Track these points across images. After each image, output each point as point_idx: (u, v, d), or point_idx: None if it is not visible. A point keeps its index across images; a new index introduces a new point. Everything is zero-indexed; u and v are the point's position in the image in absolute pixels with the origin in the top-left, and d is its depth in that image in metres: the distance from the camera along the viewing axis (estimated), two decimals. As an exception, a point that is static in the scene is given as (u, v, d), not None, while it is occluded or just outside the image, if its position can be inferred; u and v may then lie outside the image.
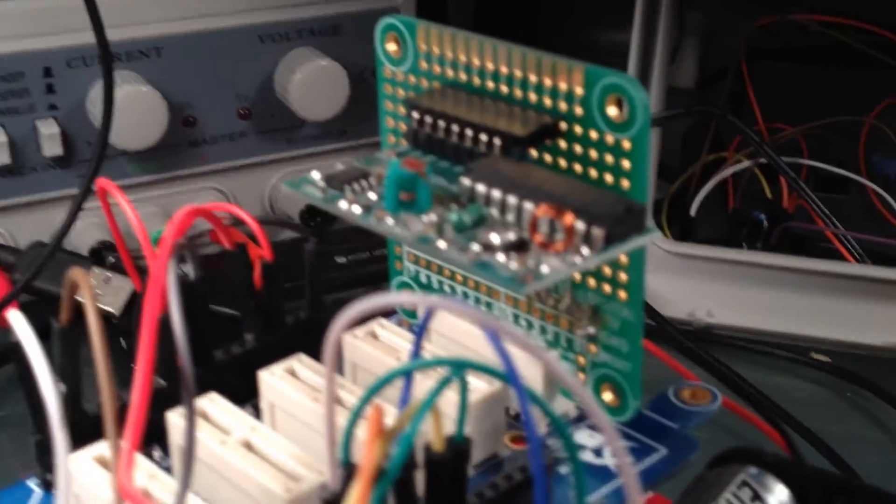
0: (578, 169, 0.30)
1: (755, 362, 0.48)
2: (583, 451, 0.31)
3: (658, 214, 0.57)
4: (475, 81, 0.32)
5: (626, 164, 0.29)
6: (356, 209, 0.29)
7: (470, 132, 0.30)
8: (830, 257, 0.52)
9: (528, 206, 0.28)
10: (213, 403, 0.29)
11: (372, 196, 0.30)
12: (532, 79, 0.31)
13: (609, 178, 0.30)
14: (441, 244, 0.27)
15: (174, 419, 0.29)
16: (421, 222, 0.28)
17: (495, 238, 0.27)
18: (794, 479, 0.29)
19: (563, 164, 0.31)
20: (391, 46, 0.34)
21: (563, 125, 0.30)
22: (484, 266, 0.27)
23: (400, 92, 0.34)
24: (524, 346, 0.23)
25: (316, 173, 0.30)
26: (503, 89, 0.31)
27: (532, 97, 0.31)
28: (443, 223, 0.28)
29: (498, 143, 0.30)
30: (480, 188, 0.29)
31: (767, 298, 0.50)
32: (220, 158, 0.55)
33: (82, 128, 0.51)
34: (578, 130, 0.30)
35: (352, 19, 0.55)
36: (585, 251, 0.27)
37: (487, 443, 0.31)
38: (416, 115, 0.32)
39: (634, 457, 0.31)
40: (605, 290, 0.31)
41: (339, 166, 0.31)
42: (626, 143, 0.29)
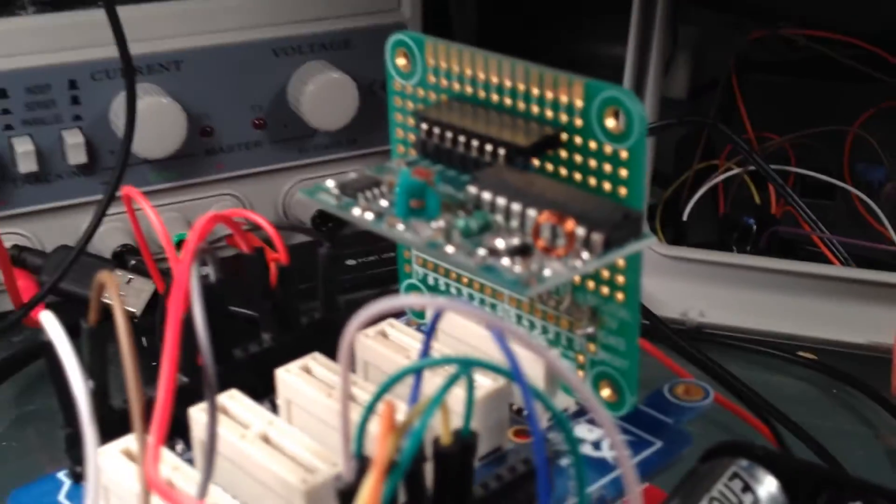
0: (578, 177, 0.30)
1: (745, 360, 0.48)
2: (582, 444, 0.31)
3: (652, 219, 0.57)
4: (480, 94, 0.32)
5: (624, 173, 0.29)
6: (369, 216, 0.29)
7: (476, 143, 0.30)
8: (816, 260, 0.52)
9: (532, 212, 0.28)
10: (232, 399, 0.29)
11: (383, 203, 0.30)
12: (534, 92, 0.31)
13: (607, 186, 0.30)
14: (449, 249, 0.27)
15: (196, 414, 0.29)
16: (430, 228, 0.28)
17: (500, 243, 0.27)
18: (783, 471, 0.29)
19: (563, 172, 0.31)
20: (401, 61, 0.34)
21: (563, 136, 0.30)
22: (490, 270, 0.27)
23: (409, 104, 0.34)
24: (527, 345, 0.23)
25: (330, 181, 0.30)
26: (507, 102, 0.31)
27: (534, 109, 0.31)
28: (451, 229, 0.28)
29: (502, 153, 0.30)
30: (486, 196, 0.29)
31: (757, 299, 0.50)
32: (236, 166, 0.55)
33: (105, 137, 0.51)
34: (578, 141, 0.30)
35: (361, 34, 0.55)
36: (585, 255, 0.27)
37: (492, 436, 0.31)
38: (424, 126, 0.31)
39: (631, 450, 0.31)
40: (604, 292, 0.31)
41: (351, 175, 0.31)
42: (624, 153, 0.29)
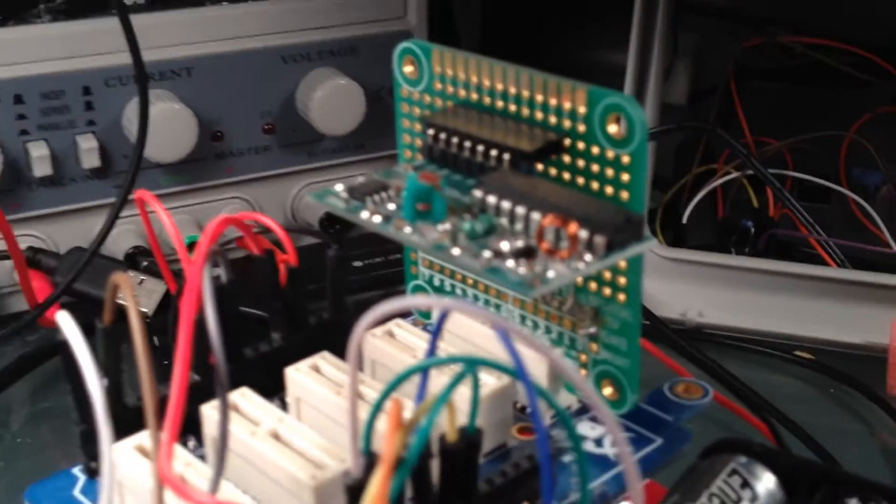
0: (581, 182, 0.30)
1: (744, 359, 0.48)
2: (585, 441, 0.31)
3: (652, 222, 0.57)
4: (486, 101, 0.32)
5: (626, 178, 0.29)
6: (377, 219, 0.29)
7: (481, 148, 0.30)
8: (813, 262, 0.52)
9: (536, 216, 0.28)
10: (243, 397, 0.29)
11: (391, 207, 0.30)
12: (538, 98, 0.31)
13: (609, 190, 0.30)
14: (455, 251, 0.27)
15: (208, 412, 0.29)
16: (436, 231, 0.28)
17: (505, 245, 0.27)
18: (780, 467, 0.29)
19: (567, 177, 0.31)
20: (408, 68, 0.34)
21: (567, 141, 0.30)
22: (495, 271, 0.27)
23: (416, 110, 0.34)
24: (531, 345, 0.23)
25: (339, 185, 0.30)
26: (511, 108, 0.31)
27: (538, 115, 0.31)
28: (456, 232, 0.28)
29: (507, 157, 0.30)
30: (491, 199, 0.29)
31: (755, 300, 0.50)
32: (246, 170, 0.55)
33: (118, 142, 0.51)
34: (581, 146, 0.30)
35: (368, 41, 0.55)
36: (588, 257, 0.27)
37: (497, 434, 0.31)
38: (431, 131, 0.31)
39: (632, 446, 0.31)
40: (606, 293, 0.31)
41: (360, 179, 0.31)
42: (626, 158, 0.29)
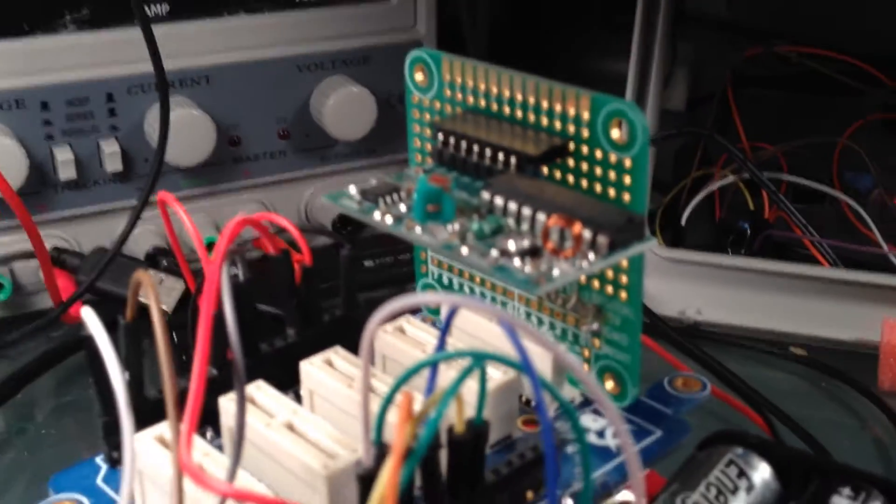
0: (585, 184, 0.30)
1: (740, 356, 0.48)
2: (588, 432, 0.31)
3: (652, 223, 0.57)
4: (493, 107, 0.32)
5: (627, 180, 0.29)
6: (388, 219, 0.29)
7: (489, 152, 0.30)
8: (807, 262, 0.52)
9: (541, 217, 0.28)
10: (259, 390, 0.29)
11: (402, 208, 0.30)
12: (544, 104, 0.31)
13: (612, 192, 0.30)
14: (464, 250, 0.28)
15: (226, 404, 0.29)
16: (446, 231, 0.28)
17: (512, 245, 0.27)
18: (776, 458, 0.29)
19: (571, 180, 0.31)
20: (419, 76, 0.34)
21: (571, 146, 0.30)
22: (502, 270, 0.27)
23: (426, 116, 0.34)
24: (537, 340, 0.23)
25: (352, 188, 0.30)
26: (518, 114, 0.31)
27: (544, 121, 0.31)
28: (465, 232, 0.28)
29: (514, 161, 0.30)
30: (498, 201, 0.29)
31: (751, 299, 0.50)
32: (262, 174, 0.55)
33: (140, 147, 0.51)
34: (585, 150, 0.30)
35: (380, 51, 0.55)
36: (591, 256, 0.27)
37: (503, 425, 0.31)
38: (441, 136, 0.32)
39: (633, 438, 0.31)
40: (608, 291, 0.31)
41: (372, 182, 0.31)
42: (628, 162, 0.29)
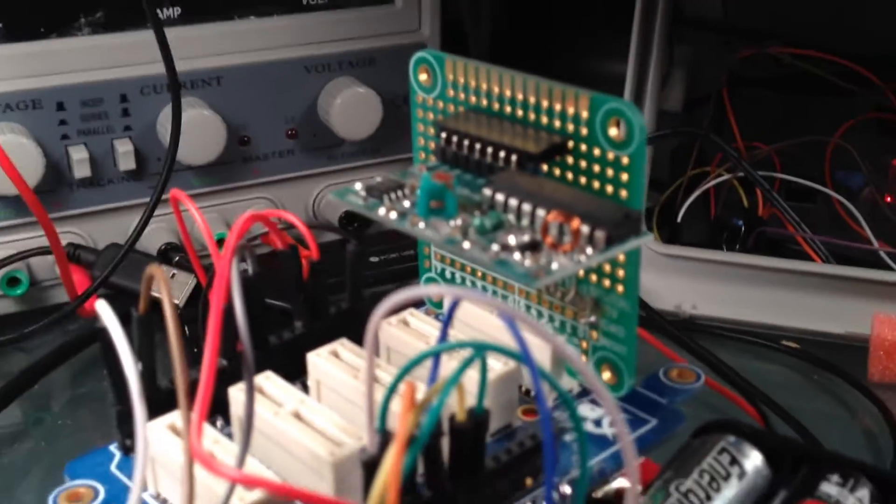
0: (583, 181, 0.30)
1: (734, 348, 0.48)
2: (585, 421, 0.31)
3: (649, 220, 0.57)
4: (495, 106, 0.32)
5: (625, 177, 0.29)
6: (393, 215, 0.29)
7: (491, 150, 0.30)
8: (800, 258, 0.52)
9: (541, 212, 0.28)
10: (268, 380, 0.29)
11: (406, 204, 0.30)
12: (544, 104, 0.31)
13: (610, 188, 0.30)
14: (465, 245, 0.28)
15: (235, 393, 0.29)
16: (448, 226, 0.28)
17: (512, 240, 0.27)
18: (767, 446, 0.29)
19: (570, 177, 0.31)
20: (423, 76, 0.34)
21: (570, 144, 0.30)
22: (502, 264, 0.27)
23: (430, 115, 0.34)
24: (536, 332, 0.23)
25: (358, 184, 0.30)
26: (519, 113, 0.31)
27: (544, 119, 0.31)
28: (467, 227, 0.28)
29: (514, 159, 0.30)
30: (499, 197, 0.29)
31: (745, 293, 0.50)
32: (271, 172, 0.55)
33: (153, 146, 0.51)
34: (584, 148, 0.30)
35: (385, 53, 0.55)
36: (589, 251, 0.27)
37: (503, 414, 0.31)
38: (444, 135, 0.32)
39: (629, 427, 0.31)
40: (605, 285, 0.31)
41: (377, 179, 0.31)
42: (625, 159, 0.29)
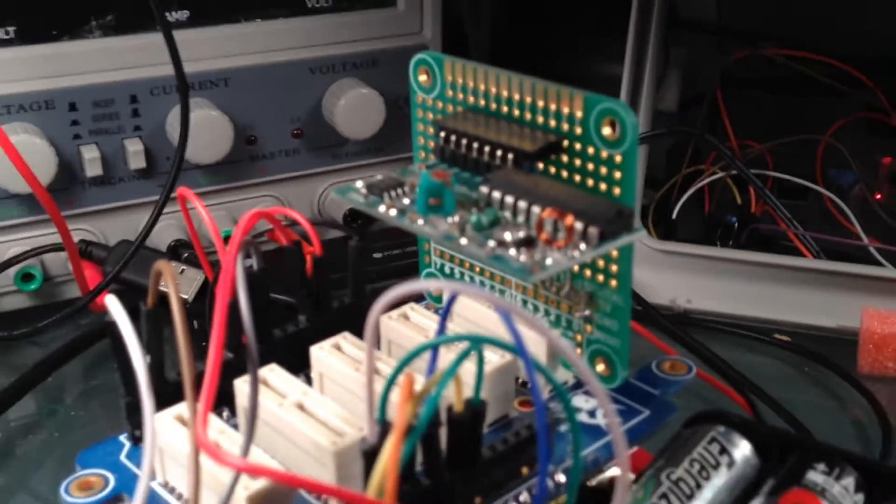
0: (578, 179, 0.30)
1: (727, 342, 0.48)
2: (579, 412, 0.31)
3: (645, 217, 0.57)
4: (492, 106, 0.32)
5: (618, 175, 0.29)
6: (393, 212, 0.29)
7: (488, 148, 0.30)
8: (791, 254, 0.52)
9: (536, 209, 0.28)
10: (272, 373, 0.30)
11: (406, 201, 0.30)
12: (540, 104, 0.31)
13: (603, 186, 0.30)
14: (463, 241, 0.28)
15: (240, 385, 0.29)
16: (446, 223, 0.28)
17: (508, 236, 0.27)
18: (756, 435, 0.29)
19: (565, 174, 0.31)
20: (423, 77, 0.34)
21: (565, 142, 0.30)
22: (498, 259, 0.27)
23: (430, 115, 0.34)
24: (532, 325, 0.23)
25: (359, 182, 0.30)
26: (515, 112, 0.31)
27: (539, 119, 0.31)
28: (464, 224, 0.28)
29: (511, 157, 0.30)
30: (496, 195, 0.29)
31: (738, 288, 0.50)
32: (277, 171, 0.55)
33: (162, 145, 0.51)
34: (578, 147, 0.30)
35: (388, 54, 0.55)
36: (583, 247, 0.27)
37: (499, 406, 0.31)
38: (443, 134, 0.32)
39: (622, 417, 0.31)
40: (599, 280, 0.31)
41: (378, 177, 0.31)
42: (618, 158, 0.29)
